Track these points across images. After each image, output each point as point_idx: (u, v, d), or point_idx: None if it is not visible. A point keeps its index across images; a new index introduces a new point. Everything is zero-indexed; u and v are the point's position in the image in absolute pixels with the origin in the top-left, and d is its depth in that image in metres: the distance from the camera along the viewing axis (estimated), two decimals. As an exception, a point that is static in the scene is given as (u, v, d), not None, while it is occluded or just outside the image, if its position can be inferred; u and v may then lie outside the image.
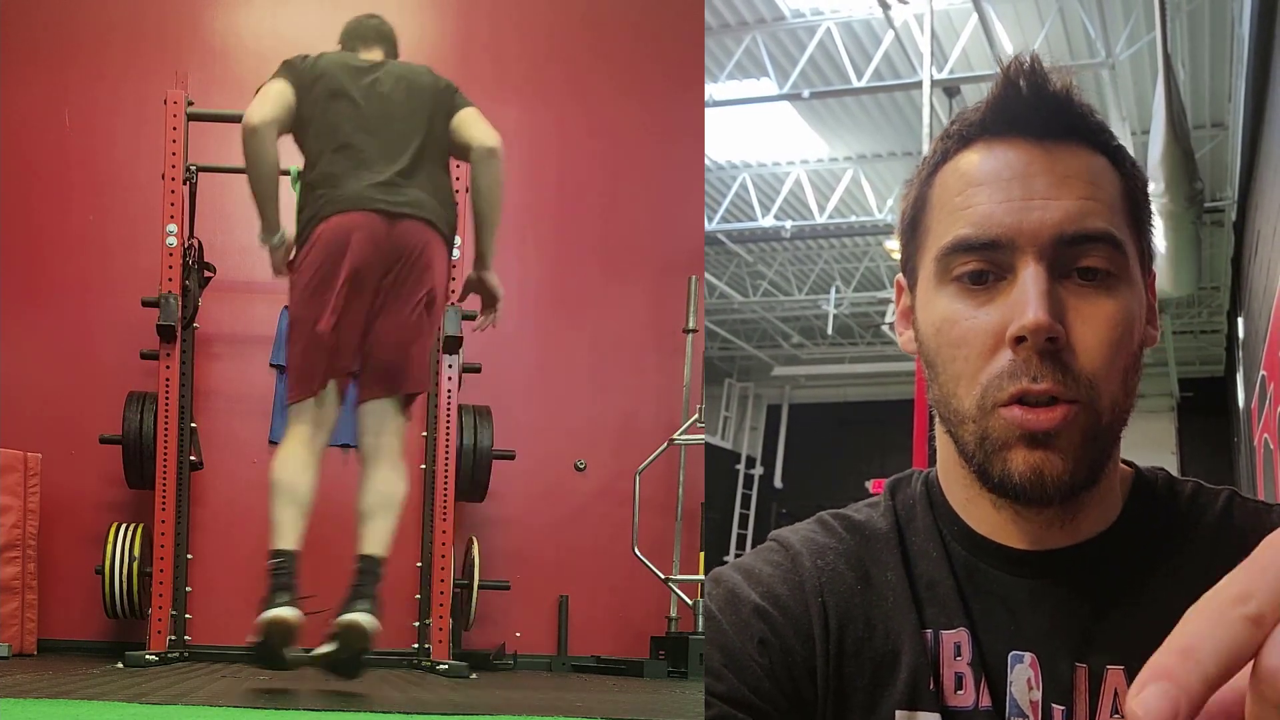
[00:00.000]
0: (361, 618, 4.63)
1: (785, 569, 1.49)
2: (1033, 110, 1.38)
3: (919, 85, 11.05)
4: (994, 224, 1.35)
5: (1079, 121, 1.40)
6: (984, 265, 1.36)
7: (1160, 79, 8.57)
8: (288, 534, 4.79)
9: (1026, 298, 1.32)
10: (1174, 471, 1.52)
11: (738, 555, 20.13)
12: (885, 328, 18.00)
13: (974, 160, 1.41)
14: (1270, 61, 7.25)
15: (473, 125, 5.25)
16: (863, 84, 11.95)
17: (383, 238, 4.93)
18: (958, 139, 1.44)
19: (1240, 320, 11.53)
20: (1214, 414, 17.65)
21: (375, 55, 5.49)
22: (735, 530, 22.04)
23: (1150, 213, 1.47)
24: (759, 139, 14.33)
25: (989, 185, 1.38)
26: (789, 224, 15.82)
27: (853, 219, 16.06)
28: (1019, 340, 1.32)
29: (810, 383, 23.44)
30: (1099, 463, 1.37)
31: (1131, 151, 1.50)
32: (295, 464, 4.90)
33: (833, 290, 19.09)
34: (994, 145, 1.40)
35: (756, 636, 1.43)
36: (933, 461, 1.58)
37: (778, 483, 23.27)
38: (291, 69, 5.24)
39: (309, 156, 5.18)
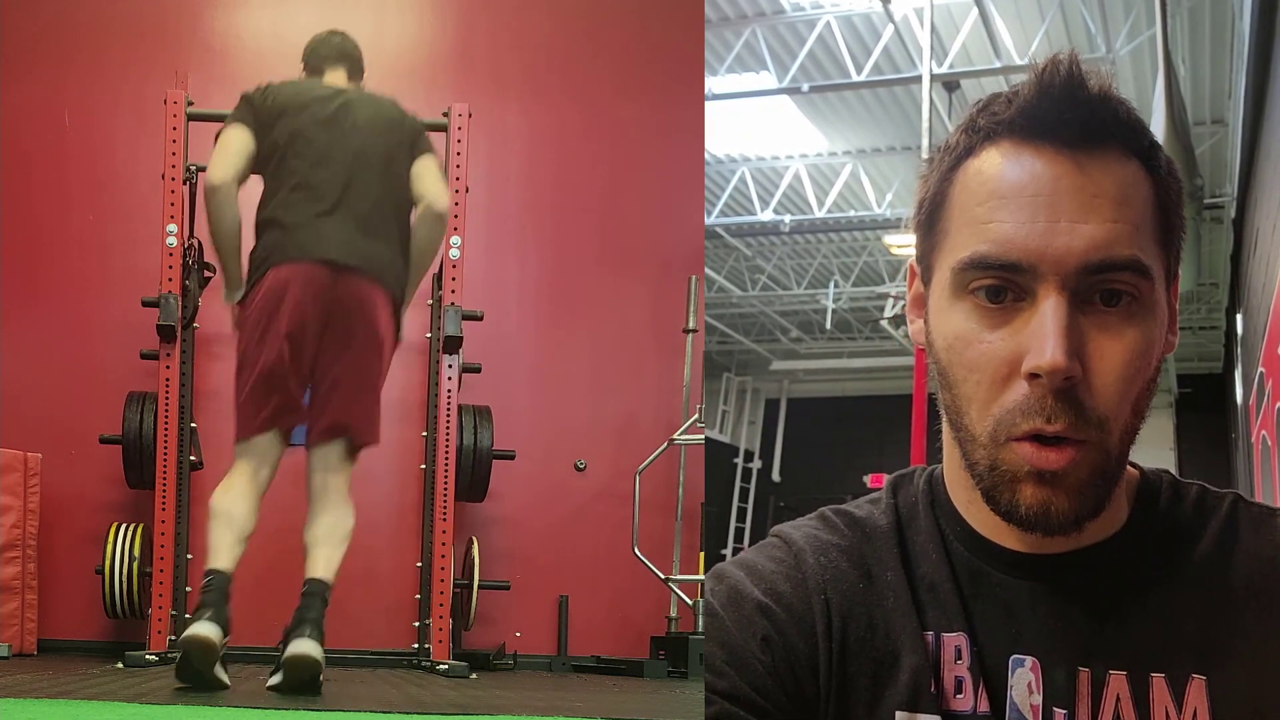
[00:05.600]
0: (309, 647, 4.54)
1: (788, 565, 1.49)
2: (1066, 118, 1.34)
3: (918, 80, 11.05)
4: (1016, 247, 1.32)
5: (1114, 126, 1.35)
6: (1002, 283, 1.33)
7: (1160, 75, 8.56)
8: (221, 555, 4.73)
9: (1045, 332, 1.30)
10: (1172, 468, 1.52)
11: (736, 549, 20.09)
12: (884, 322, 18.00)
13: (998, 164, 1.36)
14: (1270, 58, 7.23)
15: (428, 180, 5.16)
16: (862, 78, 11.94)
17: (326, 289, 4.89)
18: (984, 134, 1.39)
19: (1239, 317, 11.53)
20: (1212, 410, 17.70)
21: (339, 77, 5.41)
22: (734, 524, 22.09)
23: (1182, 218, 1.42)
24: (758, 133, 14.34)
25: (1013, 201, 1.33)
26: (788, 218, 15.84)
27: (851, 213, 16.07)
28: (1034, 375, 1.30)
29: (809, 377, 23.46)
30: (1106, 496, 1.37)
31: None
32: (235, 494, 4.87)
33: (831, 285, 19.14)
34: (1022, 150, 1.35)
35: (759, 634, 1.43)
36: (931, 457, 1.57)
37: (776, 476, 23.31)
38: (250, 107, 5.16)
39: (265, 193, 5.10)
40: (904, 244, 15.56)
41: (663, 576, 7.74)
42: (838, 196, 15.50)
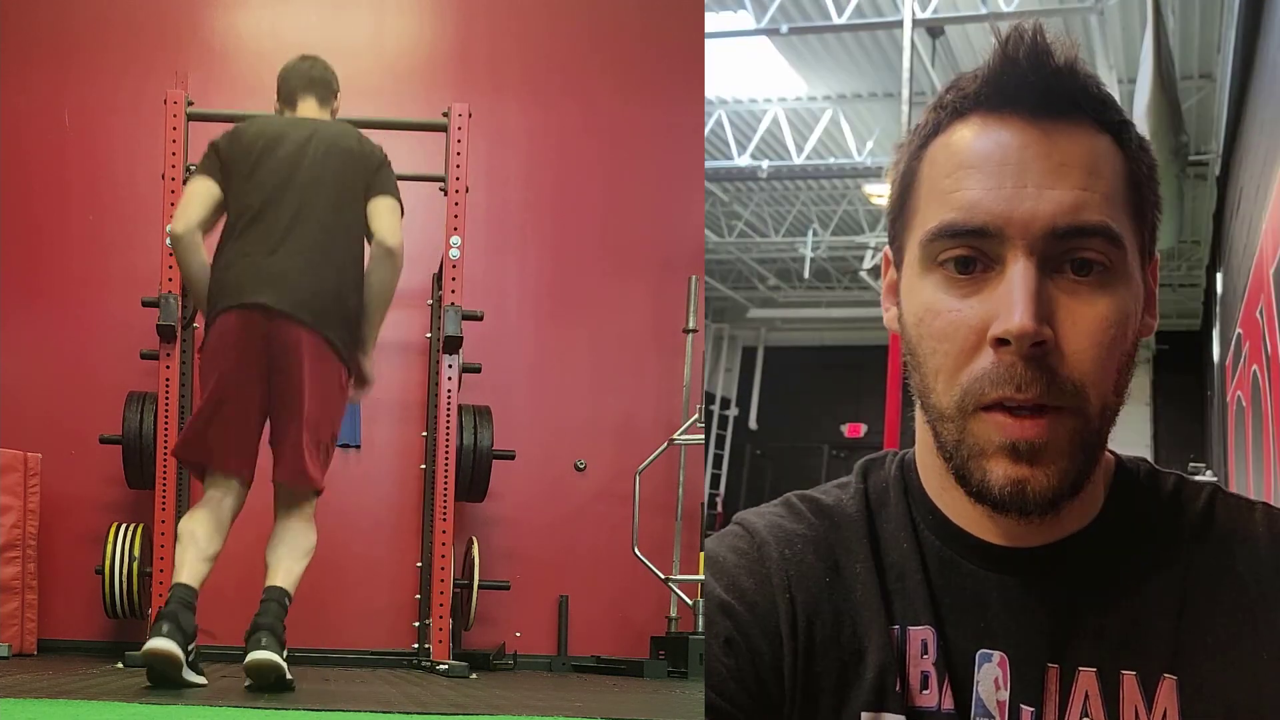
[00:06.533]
0: (263, 654, 4.70)
1: (751, 559, 1.47)
2: (1031, 86, 1.34)
3: (900, 24, 10.82)
4: (982, 211, 1.31)
5: (1081, 97, 1.35)
6: (970, 253, 1.33)
7: (1149, 27, 8.45)
8: (184, 571, 4.90)
9: (1013, 297, 1.29)
10: (1147, 424, 1.48)
11: (712, 495, 20.03)
12: (863, 273, 17.96)
13: (966, 137, 1.36)
14: (1261, 13, 7.13)
15: (380, 218, 5.24)
16: (843, 21, 11.64)
17: (260, 336, 5.01)
18: (951, 111, 1.39)
19: (1219, 276, 11.52)
20: (1189, 369, 17.75)
21: (309, 105, 5.48)
22: (709, 470, 22.10)
23: (1156, 196, 1.42)
24: (736, 74, 14.03)
25: (980, 170, 1.33)
26: (765, 164, 15.59)
27: (831, 160, 15.85)
28: (1002, 342, 1.29)
29: (786, 325, 23.36)
30: (1085, 472, 1.35)
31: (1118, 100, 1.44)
32: (198, 519, 5.04)
33: (810, 233, 18.96)
34: (989, 122, 1.35)
35: (722, 636, 1.42)
36: (908, 406, 1.52)
37: (753, 424, 23.25)
38: (216, 154, 5.27)
39: (226, 225, 5.25)
40: (884, 194, 15.45)
41: (663, 576, 7.76)
42: (817, 143, 15.28)
